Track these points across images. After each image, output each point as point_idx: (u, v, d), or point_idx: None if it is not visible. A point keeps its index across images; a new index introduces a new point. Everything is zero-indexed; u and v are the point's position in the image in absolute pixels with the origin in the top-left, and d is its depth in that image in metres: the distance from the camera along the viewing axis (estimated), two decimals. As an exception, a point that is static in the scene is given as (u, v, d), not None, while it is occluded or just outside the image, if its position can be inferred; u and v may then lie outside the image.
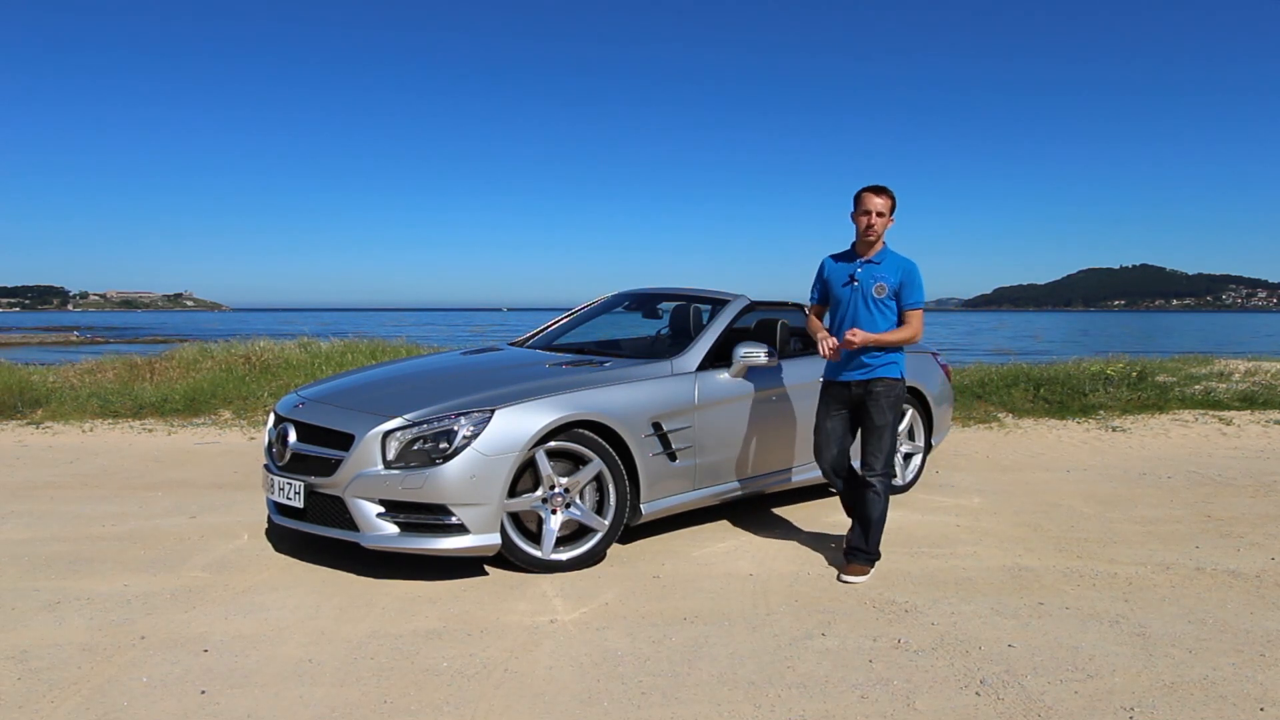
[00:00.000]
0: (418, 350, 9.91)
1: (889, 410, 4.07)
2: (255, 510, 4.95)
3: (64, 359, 11.06)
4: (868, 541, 4.03)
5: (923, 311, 4.12)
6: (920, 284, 4.10)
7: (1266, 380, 9.17)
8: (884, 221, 4.07)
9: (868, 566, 4.00)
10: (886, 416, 4.06)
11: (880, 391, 4.07)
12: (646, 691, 2.85)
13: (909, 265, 4.10)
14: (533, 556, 3.91)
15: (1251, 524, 4.97)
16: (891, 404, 4.08)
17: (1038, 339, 45.70)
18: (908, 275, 4.07)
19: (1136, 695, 2.85)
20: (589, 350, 5.03)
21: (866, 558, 4.02)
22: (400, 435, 3.79)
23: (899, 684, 2.92)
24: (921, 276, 4.11)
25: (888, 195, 4.06)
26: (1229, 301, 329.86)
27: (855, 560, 4.02)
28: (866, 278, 4.08)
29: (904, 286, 4.07)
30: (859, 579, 3.93)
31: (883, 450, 4.06)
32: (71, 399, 8.14)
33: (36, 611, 3.45)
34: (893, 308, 4.08)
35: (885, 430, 4.06)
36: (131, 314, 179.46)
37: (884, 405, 4.06)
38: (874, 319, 4.06)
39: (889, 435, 4.08)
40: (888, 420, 4.06)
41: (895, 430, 4.13)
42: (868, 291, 4.07)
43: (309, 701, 2.75)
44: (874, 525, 4.04)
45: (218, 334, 13.37)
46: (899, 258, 4.12)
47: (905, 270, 4.08)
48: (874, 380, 4.08)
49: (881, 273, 4.07)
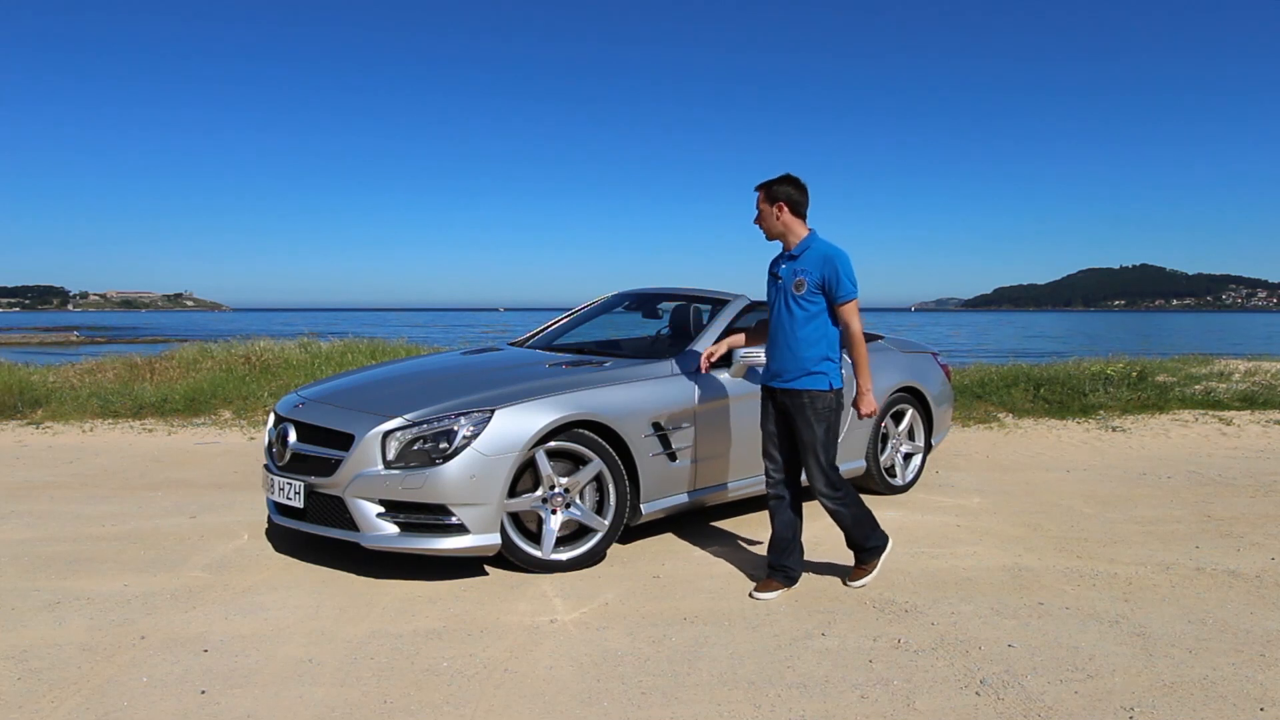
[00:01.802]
0: (418, 350, 9.91)
1: (815, 424, 3.69)
2: (255, 510, 4.95)
3: (64, 359, 11.06)
4: (853, 544, 3.91)
5: (856, 303, 3.69)
6: (845, 273, 3.65)
7: (1266, 380, 9.18)
8: (765, 214, 3.77)
9: (869, 563, 3.90)
10: (814, 431, 3.70)
11: (805, 404, 3.71)
12: (646, 691, 2.85)
13: (831, 253, 3.67)
14: (533, 556, 3.91)
15: (1251, 524, 4.97)
16: (819, 417, 3.70)
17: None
18: (830, 265, 3.65)
19: (1136, 695, 2.85)
20: (589, 350, 5.03)
21: (867, 555, 3.91)
22: (400, 435, 3.79)
23: (899, 684, 2.92)
24: (848, 263, 3.68)
25: (762, 187, 3.78)
26: (1229, 301, 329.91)
27: (861, 560, 3.93)
28: (788, 274, 3.75)
29: (827, 280, 3.66)
30: (862, 581, 3.87)
31: (817, 467, 3.74)
32: (71, 399, 8.15)
33: (36, 611, 3.45)
34: (819, 304, 3.69)
35: (813, 447, 3.71)
36: (131, 314, 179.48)
37: (809, 419, 3.70)
38: (794, 319, 3.70)
39: (818, 451, 3.72)
40: (815, 436, 3.70)
41: (829, 445, 3.74)
42: (788, 289, 3.73)
43: (309, 701, 2.75)
44: (851, 529, 3.86)
45: (218, 334, 13.37)
46: (822, 247, 3.70)
47: (826, 260, 3.66)
48: (797, 392, 3.72)
49: (801, 266, 3.70)
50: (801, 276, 3.69)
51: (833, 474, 3.77)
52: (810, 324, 3.69)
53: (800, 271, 3.70)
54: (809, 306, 3.68)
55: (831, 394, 3.71)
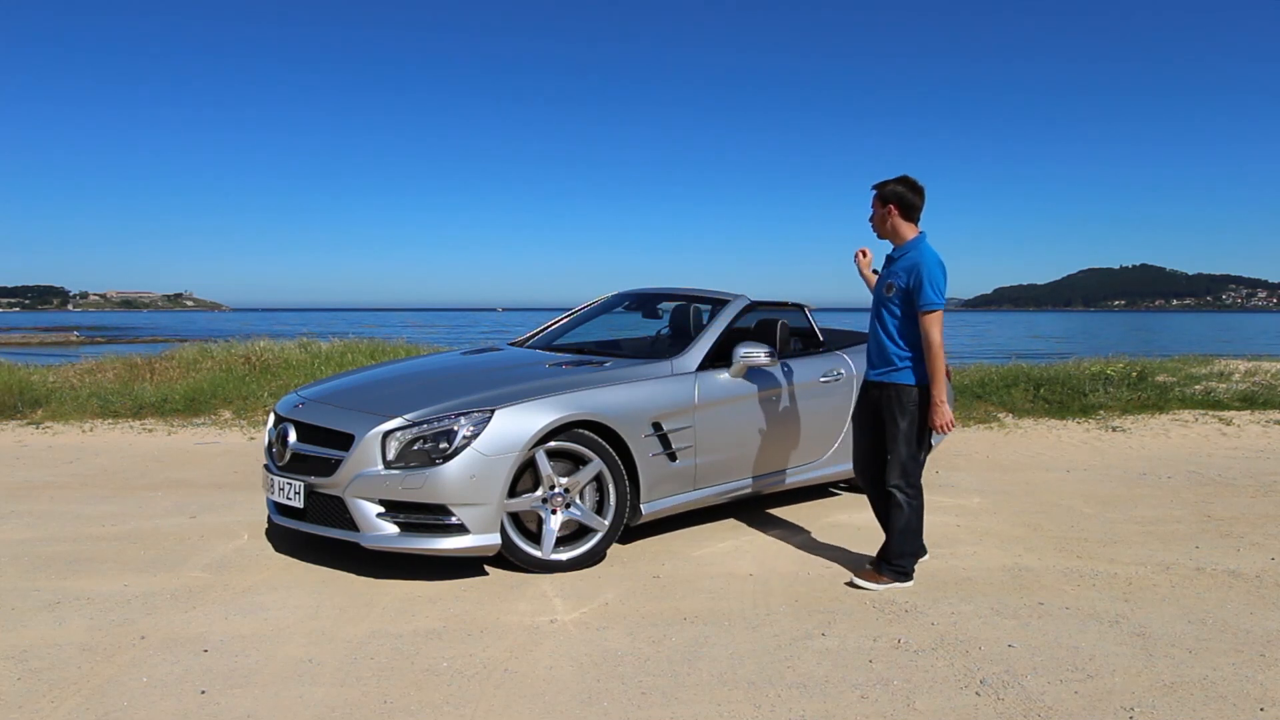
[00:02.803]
0: (417, 350, 9.91)
1: (900, 418, 3.75)
2: (255, 510, 4.95)
3: (64, 359, 11.05)
4: (889, 551, 3.82)
5: (939, 314, 3.68)
6: (930, 283, 3.66)
7: (1266, 380, 9.17)
8: (877, 214, 3.85)
9: (881, 577, 3.79)
10: (898, 424, 3.75)
11: (894, 396, 3.78)
12: (646, 691, 2.85)
13: (920, 261, 3.69)
14: (533, 556, 3.91)
15: (1251, 524, 4.97)
16: (904, 410, 3.75)
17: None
18: (915, 274, 3.69)
19: (1136, 695, 2.85)
20: (589, 350, 5.04)
21: (882, 567, 3.83)
22: (400, 435, 3.79)
23: (899, 684, 2.92)
24: (936, 272, 3.68)
25: (877, 186, 3.84)
26: (1229, 301, 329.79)
27: (873, 567, 3.87)
28: (883, 275, 3.89)
29: (912, 286, 3.70)
30: (866, 585, 3.77)
31: (895, 459, 3.77)
32: (71, 399, 8.14)
33: (36, 611, 3.45)
34: (904, 310, 3.76)
35: (897, 439, 3.77)
36: (131, 314, 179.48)
37: (895, 412, 3.76)
38: (885, 319, 3.81)
39: (901, 444, 3.76)
40: (898, 428, 3.75)
41: (914, 440, 3.78)
42: (880, 290, 3.85)
43: (309, 701, 2.75)
44: (893, 534, 3.80)
45: (218, 334, 13.37)
46: (915, 254, 3.73)
47: (914, 268, 3.70)
48: (888, 385, 3.80)
49: (895, 270, 3.78)
50: (892, 280, 3.79)
51: (911, 469, 3.80)
52: (898, 325, 3.78)
53: (892, 275, 3.80)
54: (896, 310, 3.78)
55: (918, 390, 3.75)
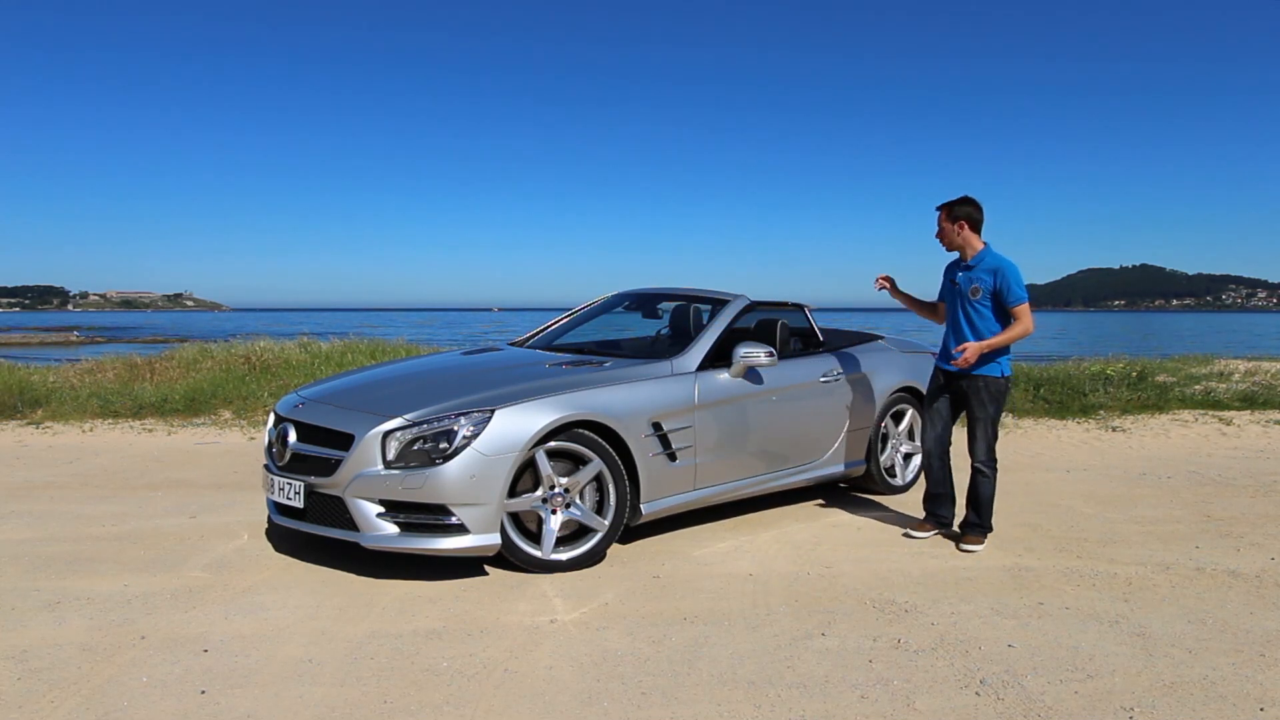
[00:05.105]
0: (417, 350, 9.91)
1: (989, 404, 4.44)
2: (255, 510, 4.95)
3: (64, 359, 11.05)
4: (980, 516, 4.49)
5: (1028, 305, 4.40)
6: (1016, 281, 4.39)
7: (1266, 380, 9.17)
8: (947, 231, 4.51)
9: (981, 537, 4.46)
10: (987, 410, 4.44)
11: (981, 387, 4.44)
12: (646, 691, 2.85)
13: (1002, 265, 4.42)
14: (533, 556, 3.91)
15: (1251, 524, 4.97)
16: (992, 398, 4.44)
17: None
18: (1001, 276, 4.39)
19: (1136, 695, 2.85)
20: (589, 350, 5.03)
21: (980, 530, 4.48)
22: (400, 435, 3.79)
23: (899, 684, 2.92)
24: (1018, 273, 4.42)
25: (943, 208, 4.52)
26: (1229, 301, 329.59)
27: (970, 532, 4.49)
28: (965, 281, 4.51)
29: (1000, 287, 4.39)
30: (975, 548, 4.40)
31: (984, 439, 4.47)
32: (71, 399, 8.14)
33: (36, 611, 3.45)
34: (990, 307, 4.42)
35: (984, 423, 4.45)
36: (131, 314, 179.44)
37: (984, 399, 4.44)
38: (971, 319, 4.47)
39: (988, 427, 4.46)
40: (987, 414, 4.45)
41: (995, 422, 4.49)
42: (965, 294, 4.49)
43: (309, 701, 2.75)
44: (983, 503, 4.48)
45: (218, 334, 13.36)
46: (995, 260, 4.45)
47: (998, 271, 4.40)
48: (975, 377, 4.45)
49: (976, 275, 4.46)
50: (977, 284, 4.46)
51: (993, 446, 4.53)
52: (984, 322, 4.45)
53: (975, 279, 4.47)
54: (983, 310, 4.45)
55: (1003, 380, 4.48)
